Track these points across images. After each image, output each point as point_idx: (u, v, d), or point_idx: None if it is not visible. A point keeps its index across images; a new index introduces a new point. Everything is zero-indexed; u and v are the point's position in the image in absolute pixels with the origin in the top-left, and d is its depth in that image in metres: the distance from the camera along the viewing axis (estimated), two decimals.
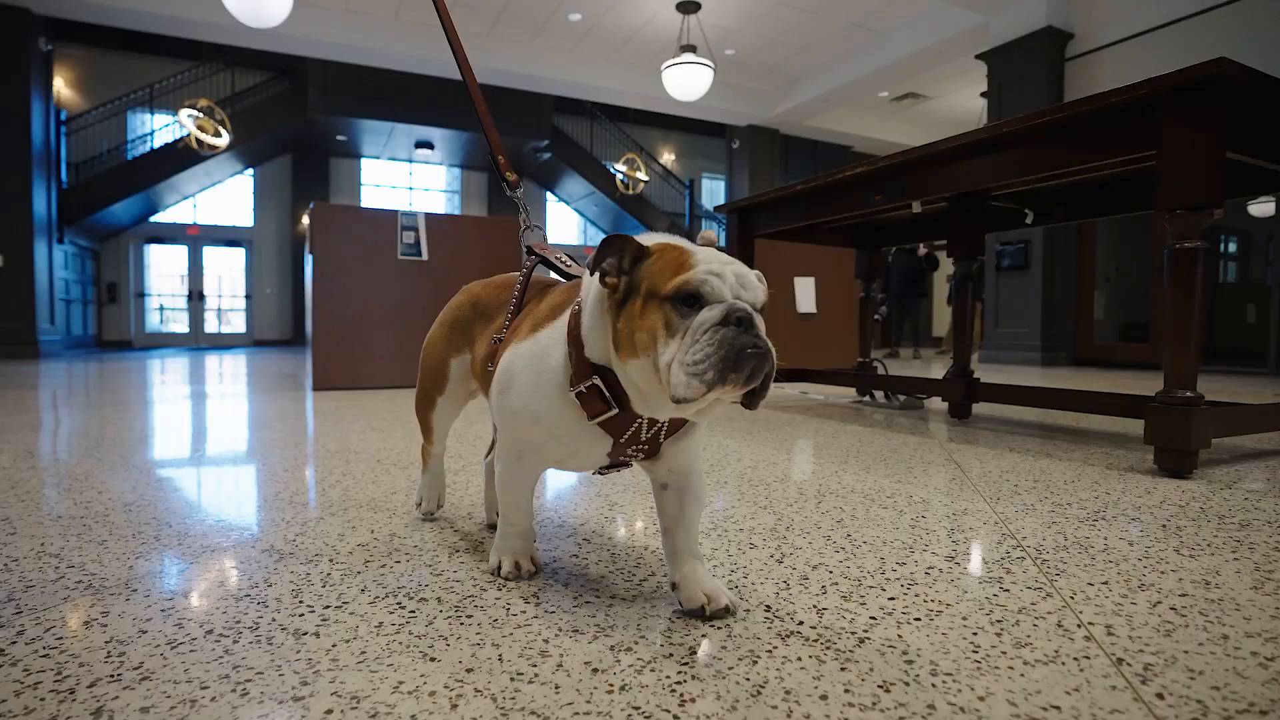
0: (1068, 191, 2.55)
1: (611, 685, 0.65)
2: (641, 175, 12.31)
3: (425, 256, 3.88)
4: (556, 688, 0.64)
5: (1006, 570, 0.98)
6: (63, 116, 9.16)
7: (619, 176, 12.37)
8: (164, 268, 12.44)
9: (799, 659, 0.71)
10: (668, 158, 14.55)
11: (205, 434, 2.30)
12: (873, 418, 2.76)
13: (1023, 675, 0.68)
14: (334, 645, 0.73)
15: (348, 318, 3.80)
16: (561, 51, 9.69)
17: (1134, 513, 1.30)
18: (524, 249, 1.03)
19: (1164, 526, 1.21)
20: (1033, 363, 6.84)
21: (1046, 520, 1.25)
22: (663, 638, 0.76)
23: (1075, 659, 0.72)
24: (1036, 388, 2.34)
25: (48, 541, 1.08)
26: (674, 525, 0.86)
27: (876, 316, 9.75)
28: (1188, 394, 1.63)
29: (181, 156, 10.22)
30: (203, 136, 9.55)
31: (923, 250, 8.94)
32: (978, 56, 7.41)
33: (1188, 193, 1.58)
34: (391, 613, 0.81)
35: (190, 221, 12.47)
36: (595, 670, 0.68)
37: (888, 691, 0.65)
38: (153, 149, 10.41)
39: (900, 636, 0.76)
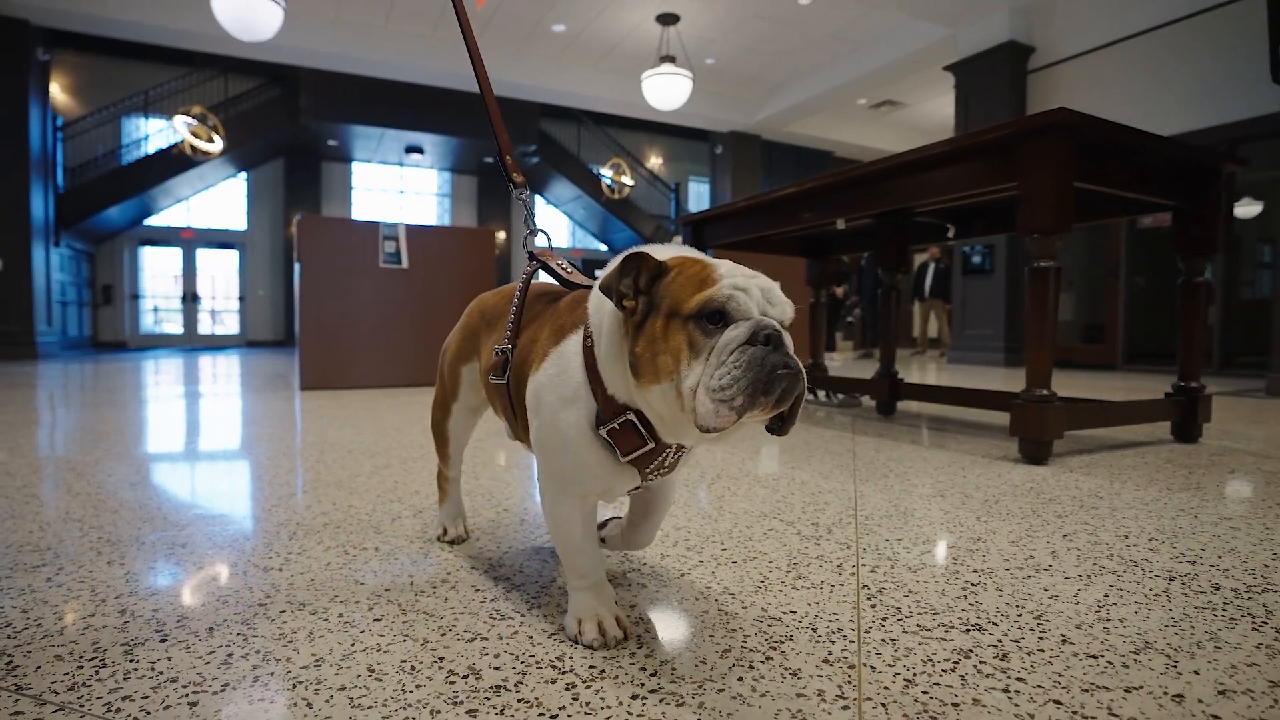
0: (985, 207, 2.82)
1: (484, 599, 0.92)
2: (627, 180, 12.58)
3: (405, 265, 4.14)
4: (445, 599, 0.91)
5: (829, 531, 1.25)
6: (59, 122, 9.38)
7: (605, 181, 12.63)
8: (158, 270, 12.67)
9: (629, 584, 0.97)
10: (655, 161, 14.81)
11: (199, 429, 2.56)
12: (815, 415, 3.03)
13: (786, 596, 0.95)
14: (291, 576, 0.99)
15: (333, 322, 4.06)
16: (547, 60, 9.95)
17: (971, 490, 1.57)
18: (526, 254, 0.97)
19: (985, 501, 1.48)
20: (996, 363, 7.13)
21: (893, 496, 1.52)
22: (536, 573, 1.02)
23: (833, 586, 0.98)
24: (941, 386, 2.62)
25: (71, 511, 1.34)
26: (639, 520, 0.94)
27: (850, 319, 10.04)
28: (1044, 392, 1.90)
29: (175, 161, 10.46)
30: (196, 142, 9.79)
31: None
32: (945, 68, 7.70)
33: (1041, 219, 1.85)
34: (338, 557, 1.08)
35: (184, 224, 12.70)
36: (477, 590, 0.94)
37: (681, 604, 0.91)
38: (147, 154, 10.65)
39: (714, 573, 1.03)
